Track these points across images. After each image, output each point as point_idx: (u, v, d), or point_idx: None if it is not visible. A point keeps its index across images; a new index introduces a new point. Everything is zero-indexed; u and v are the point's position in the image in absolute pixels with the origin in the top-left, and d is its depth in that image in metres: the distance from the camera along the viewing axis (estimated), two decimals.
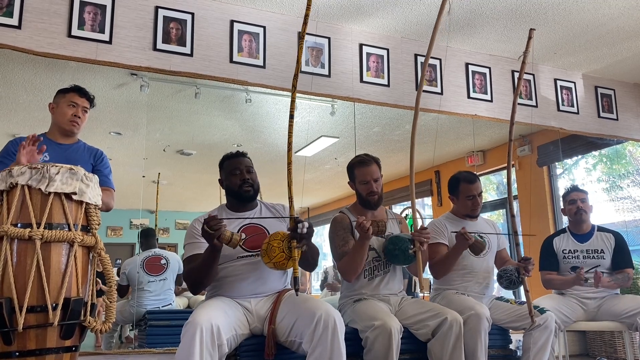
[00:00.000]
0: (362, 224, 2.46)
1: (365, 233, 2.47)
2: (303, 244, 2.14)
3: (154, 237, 4.10)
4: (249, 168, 2.50)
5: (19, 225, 1.78)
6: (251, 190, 2.47)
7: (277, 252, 2.13)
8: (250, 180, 2.47)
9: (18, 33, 3.10)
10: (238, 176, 2.47)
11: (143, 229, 4.08)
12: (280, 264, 2.14)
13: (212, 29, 3.64)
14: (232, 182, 2.47)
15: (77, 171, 1.89)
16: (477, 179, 3.10)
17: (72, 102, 2.63)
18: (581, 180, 5.30)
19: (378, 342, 2.30)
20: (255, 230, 2.43)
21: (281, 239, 2.15)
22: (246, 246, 2.37)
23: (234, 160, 2.52)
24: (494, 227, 3.21)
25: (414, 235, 2.57)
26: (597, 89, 5.10)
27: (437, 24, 2.78)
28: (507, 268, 2.91)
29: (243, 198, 2.47)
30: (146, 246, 4.02)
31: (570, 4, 3.81)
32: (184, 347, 1.97)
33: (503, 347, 2.90)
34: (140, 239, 4.03)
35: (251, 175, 2.49)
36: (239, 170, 2.48)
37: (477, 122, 4.53)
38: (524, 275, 2.83)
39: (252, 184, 2.47)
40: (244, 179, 2.46)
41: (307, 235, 2.14)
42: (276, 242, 2.15)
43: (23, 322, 1.69)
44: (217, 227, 2.09)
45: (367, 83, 4.09)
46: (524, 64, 3.10)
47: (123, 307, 3.78)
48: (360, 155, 2.85)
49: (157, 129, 4.01)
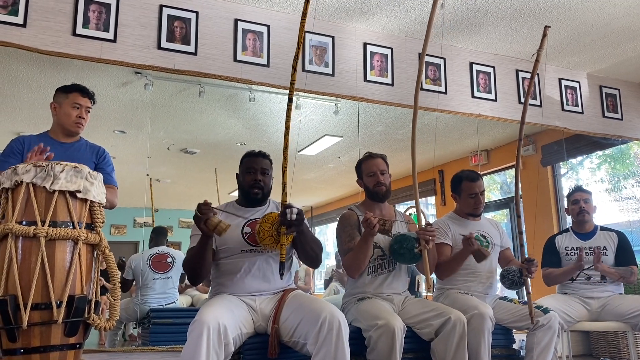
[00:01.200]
0: (370, 219, 2.46)
1: (371, 229, 2.47)
2: (292, 230, 2.19)
3: (165, 237, 4.12)
4: (264, 170, 2.51)
5: (23, 222, 1.79)
6: (260, 194, 2.48)
7: (266, 235, 2.21)
8: (262, 183, 2.48)
9: (23, 31, 3.11)
10: (252, 175, 2.48)
11: (156, 226, 4.10)
12: (269, 247, 2.23)
13: (216, 27, 3.65)
14: (245, 179, 2.50)
15: (81, 169, 1.90)
16: (480, 177, 3.11)
17: (76, 103, 2.62)
18: (585, 180, 5.28)
19: (381, 341, 2.30)
20: None
21: (271, 223, 2.21)
22: (250, 240, 2.38)
23: (253, 158, 2.54)
24: (497, 227, 3.21)
25: (419, 234, 2.57)
26: (601, 89, 5.08)
27: (431, 18, 2.76)
28: (510, 268, 2.91)
29: (250, 198, 2.50)
30: (155, 243, 4.04)
31: (575, 4, 3.80)
32: (190, 345, 1.97)
33: (506, 347, 2.89)
34: (151, 235, 4.05)
35: (264, 177, 2.50)
36: (254, 170, 2.49)
37: (481, 122, 4.53)
38: (527, 276, 2.83)
39: (263, 187, 2.48)
40: (256, 180, 2.47)
41: (296, 222, 2.17)
42: (266, 226, 2.21)
43: (28, 320, 1.70)
44: (205, 211, 2.14)
45: (371, 82, 4.08)
46: (537, 62, 3.05)
47: (127, 305, 3.80)
48: (367, 152, 2.90)
49: (161, 128, 4.02)
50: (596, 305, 3.37)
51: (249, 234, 2.39)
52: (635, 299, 3.29)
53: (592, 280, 3.41)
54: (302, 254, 2.42)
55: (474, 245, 2.74)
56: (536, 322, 2.77)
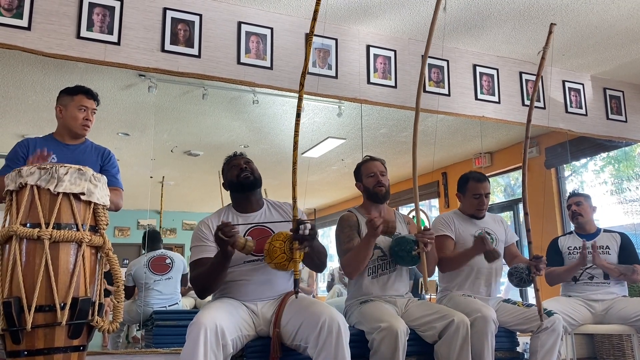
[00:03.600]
0: (374, 221, 2.46)
1: (374, 230, 2.47)
2: (305, 245, 2.13)
3: (160, 241, 4.13)
4: (246, 160, 2.53)
5: (28, 225, 1.79)
6: (250, 177, 2.46)
7: (279, 252, 2.13)
8: (249, 169, 2.48)
9: (27, 34, 3.12)
10: (236, 167, 2.49)
11: (148, 230, 4.10)
12: (282, 265, 2.14)
13: (219, 30, 3.65)
14: (231, 174, 2.49)
15: (85, 171, 1.90)
16: (487, 179, 3.12)
17: (82, 105, 2.62)
18: (589, 183, 5.27)
19: (384, 344, 2.30)
20: (261, 233, 2.42)
21: (283, 240, 2.14)
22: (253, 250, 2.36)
23: (232, 159, 2.56)
24: (502, 223, 3.21)
25: (417, 237, 2.57)
26: (605, 91, 5.07)
27: (433, 20, 2.77)
28: (518, 266, 2.88)
29: (244, 185, 2.46)
30: (151, 248, 4.05)
31: (578, 6, 3.79)
32: (188, 347, 1.98)
33: (510, 350, 2.88)
34: (145, 241, 4.05)
35: (249, 164, 2.50)
36: (237, 164, 2.50)
37: (485, 124, 4.52)
38: (535, 274, 2.81)
39: (252, 172, 2.48)
40: (241, 168, 2.47)
41: (309, 237, 2.12)
42: (278, 243, 2.14)
43: (31, 322, 1.71)
44: (231, 234, 2.10)
45: (374, 84, 4.08)
46: (543, 60, 3.02)
47: (130, 307, 3.80)
48: (367, 156, 2.93)
49: (165, 130, 4.03)
50: (600, 307, 3.36)
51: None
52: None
53: (595, 280, 3.40)
54: (308, 262, 2.41)
55: (488, 245, 2.74)
56: (540, 324, 2.76)
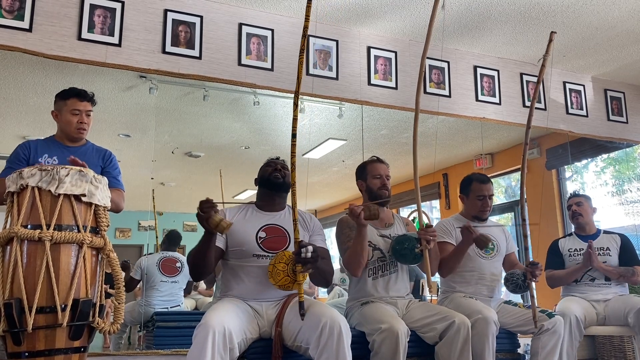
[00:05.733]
0: (353, 209, 2.47)
1: (357, 219, 2.48)
2: (308, 267, 2.14)
3: (177, 244, 4.13)
4: (284, 165, 2.57)
5: (29, 226, 1.80)
6: (280, 179, 2.50)
7: (282, 275, 2.16)
8: (282, 173, 2.52)
9: (29, 36, 3.13)
10: (272, 167, 2.54)
11: (171, 230, 4.12)
12: (286, 287, 2.18)
13: (220, 31, 3.66)
14: (265, 171, 2.55)
15: (86, 173, 1.91)
16: (490, 181, 3.13)
17: (74, 109, 2.59)
18: (590, 184, 5.26)
19: (385, 345, 2.29)
20: (275, 231, 2.45)
21: (286, 262, 2.16)
22: (264, 246, 2.39)
23: (272, 159, 2.62)
24: (504, 231, 3.21)
25: (419, 234, 2.57)
26: (606, 92, 5.07)
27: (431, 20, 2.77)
28: (514, 272, 2.91)
29: (272, 184, 2.50)
30: (166, 248, 4.05)
31: (579, 7, 3.79)
32: (195, 349, 1.97)
33: (511, 351, 2.88)
34: (164, 237, 4.07)
35: (284, 169, 2.54)
36: (274, 164, 2.55)
37: (485, 125, 4.52)
38: (531, 280, 2.82)
39: (284, 176, 2.51)
40: (277, 169, 2.52)
41: (311, 260, 2.13)
42: (281, 266, 2.16)
43: (32, 323, 1.71)
44: (206, 209, 2.15)
45: (375, 86, 4.09)
46: (543, 67, 3.04)
47: (132, 308, 3.80)
48: (374, 156, 2.93)
49: (166, 131, 4.03)
50: (601, 308, 3.37)
51: (264, 238, 2.40)
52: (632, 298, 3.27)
53: (596, 282, 3.40)
54: (313, 280, 2.46)
55: (474, 232, 2.75)
56: (541, 326, 2.76)
